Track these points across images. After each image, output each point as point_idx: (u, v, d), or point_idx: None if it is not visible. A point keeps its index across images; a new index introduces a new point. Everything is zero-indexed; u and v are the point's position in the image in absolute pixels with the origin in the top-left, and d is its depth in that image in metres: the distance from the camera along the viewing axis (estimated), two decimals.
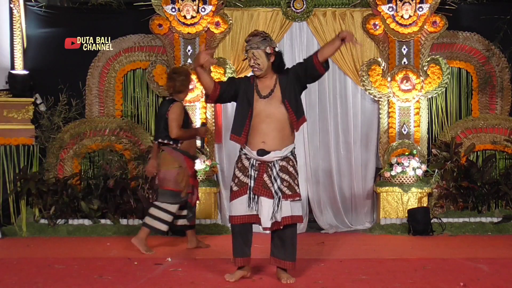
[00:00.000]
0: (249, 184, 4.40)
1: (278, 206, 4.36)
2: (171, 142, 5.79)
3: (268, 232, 4.48)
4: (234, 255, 4.53)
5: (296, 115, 4.42)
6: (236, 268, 4.55)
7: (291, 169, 4.44)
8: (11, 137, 7.29)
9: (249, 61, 4.45)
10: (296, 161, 4.55)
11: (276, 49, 4.49)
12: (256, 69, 4.45)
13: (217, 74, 7.25)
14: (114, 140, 7.47)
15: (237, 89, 4.51)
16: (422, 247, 5.92)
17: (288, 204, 4.38)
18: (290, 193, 4.39)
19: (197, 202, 6.22)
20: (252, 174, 4.41)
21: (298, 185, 4.48)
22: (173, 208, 5.78)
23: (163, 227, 5.80)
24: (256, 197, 4.38)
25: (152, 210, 5.78)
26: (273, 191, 4.37)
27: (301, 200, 4.53)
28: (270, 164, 4.41)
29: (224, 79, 6.92)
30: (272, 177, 4.39)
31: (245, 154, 4.48)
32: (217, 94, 4.52)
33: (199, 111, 7.47)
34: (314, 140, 7.66)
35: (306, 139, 7.59)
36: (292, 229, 4.45)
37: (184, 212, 5.95)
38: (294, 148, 4.53)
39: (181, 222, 6.00)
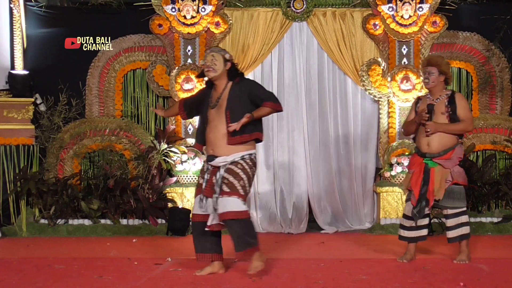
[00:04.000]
0: (202, 185, 4.63)
1: (216, 204, 4.51)
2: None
3: (207, 229, 4.58)
4: (195, 250, 4.72)
5: (234, 131, 4.50)
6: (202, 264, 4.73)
7: (238, 170, 4.53)
8: (11, 137, 7.27)
9: (206, 63, 4.58)
10: (251, 165, 4.57)
11: (234, 62, 4.69)
12: (212, 69, 4.59)
13: None
14: (114, 140, 7.47)
15: (201, 101, 4.78)
16: (422, 247, 5.91)
17: (223, 200, 4.47)
18: (228, 190, 4.48)
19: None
20: (205, 177, 4.64)
21: (244, 187, 4.51)
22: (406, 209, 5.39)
23: (424, 232, 5.38)
24: (205, 198, 4.58)
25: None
26: (214, 191, 4.54)
27: (243, 201, 4.51)
28: (219, 168, 4.58)
29: None
30: (216, 179, 4.55)
31: (205, 159, 4.75)
32: (185, 114, 4.95)
33: None
34: (314, 140, 7.65)
35: (306, 139, 7.59)
36: (233, 224, 4.47)
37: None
38: (250, 154, 4.58)
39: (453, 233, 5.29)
